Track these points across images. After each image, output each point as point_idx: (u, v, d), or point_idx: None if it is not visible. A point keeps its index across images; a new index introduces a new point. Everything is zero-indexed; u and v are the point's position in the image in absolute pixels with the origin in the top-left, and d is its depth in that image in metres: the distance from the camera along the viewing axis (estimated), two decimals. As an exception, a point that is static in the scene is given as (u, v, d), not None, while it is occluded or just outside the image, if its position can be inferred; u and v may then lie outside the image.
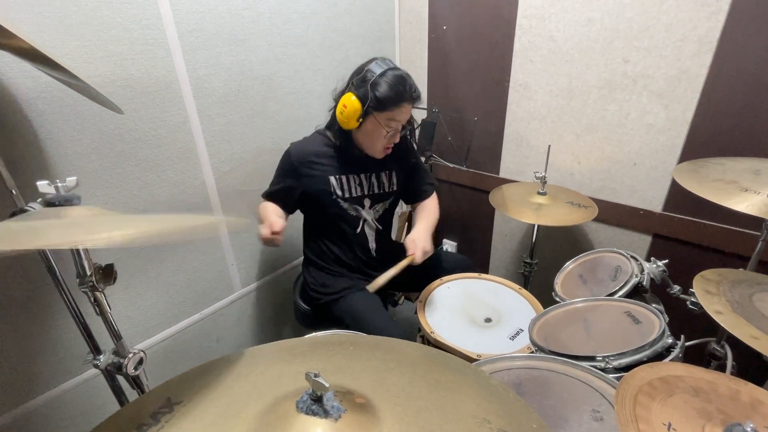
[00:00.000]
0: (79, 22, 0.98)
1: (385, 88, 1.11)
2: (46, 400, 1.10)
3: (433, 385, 0.52)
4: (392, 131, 1.19)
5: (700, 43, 1.20)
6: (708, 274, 0.81)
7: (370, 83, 1.11)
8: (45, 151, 0.98)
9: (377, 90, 1.11)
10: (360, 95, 1.12)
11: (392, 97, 1.12)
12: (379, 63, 1.14)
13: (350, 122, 1.16)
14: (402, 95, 1.13)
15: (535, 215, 1.37)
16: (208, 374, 0.55)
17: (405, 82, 1.14)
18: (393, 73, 1.13)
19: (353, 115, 1.14)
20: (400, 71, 1.15)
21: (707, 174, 0.94)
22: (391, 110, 1.14)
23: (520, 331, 1.13)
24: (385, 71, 1.12)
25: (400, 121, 1.19)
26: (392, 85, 1.12)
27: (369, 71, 1.13)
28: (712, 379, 0.60)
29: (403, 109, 1.16)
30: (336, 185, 1.26)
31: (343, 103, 1.14)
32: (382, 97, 1.11)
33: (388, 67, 1.13)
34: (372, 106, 1.12)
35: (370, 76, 1.12)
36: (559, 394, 0.72)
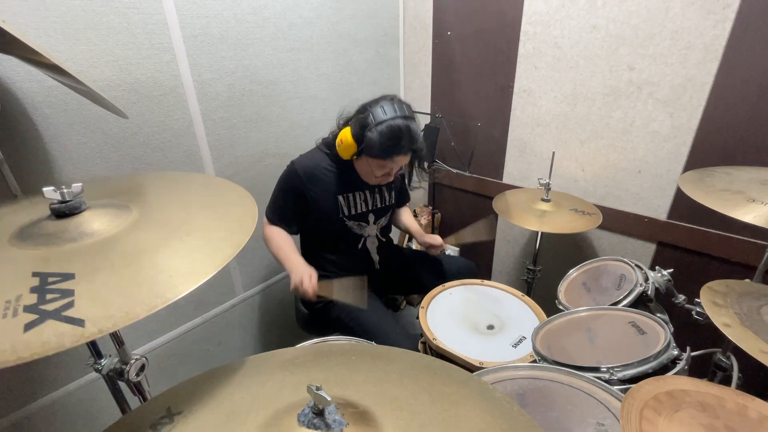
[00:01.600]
0: (86, 27, 0.98)
1: (378, 140, 1.07)
2: (47, 403, 1.09)
3: (436, 398, 0.52)
4: (383, 175, 1.20)
5: (705, 51, 1.19)
6: (715, 285, 0.80)
7: (366, 129, 1.09)
8: (49, 154, 0.99)
9: (371, 138, 1.08)
10: (355, 135, 1.12)
11: (386, 148, 1.10)
12: (384, 107, 1.09)
13: (345, 155, 1.17)
14: (393, 150, 1.11)
15: (539, 222, 1.36)
16: (208, 383, 0.54)
17: (401, 137, 1.09)
18: (391, 126, 1.07)
19: (348, 150, 1.15)
20: (400, 122, 1.08)
21: (713, 183, 0.93)
22: (383, 159, 1.14)
23: (522, 338, 1.12)
24: (384, 121, 1.07)
25: (392, 169, 1.19)
26: (386, 139, 1.08)
27: (371, 115, 1.09)
28: (719, 393, 0.59)
29: (394, 161, 1.15)
30: (344, 204, 1.26)
31: (341, 137, 1.15)
32: (374, 147, 1.09)
33: (389, 117, 1.08)
34: (364, 150, 1.12)
35: (370, 121, 1.08)
36: (563, 405, 0.71)
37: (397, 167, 1.20)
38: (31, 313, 0.41)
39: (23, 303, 0.42)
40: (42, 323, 0.40)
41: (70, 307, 0.42)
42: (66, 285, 0.45)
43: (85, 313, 0.42)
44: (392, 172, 1.21)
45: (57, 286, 0.45)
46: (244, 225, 0.60)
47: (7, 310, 0.41)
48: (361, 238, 1.32)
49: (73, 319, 0.41)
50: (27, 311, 0.41)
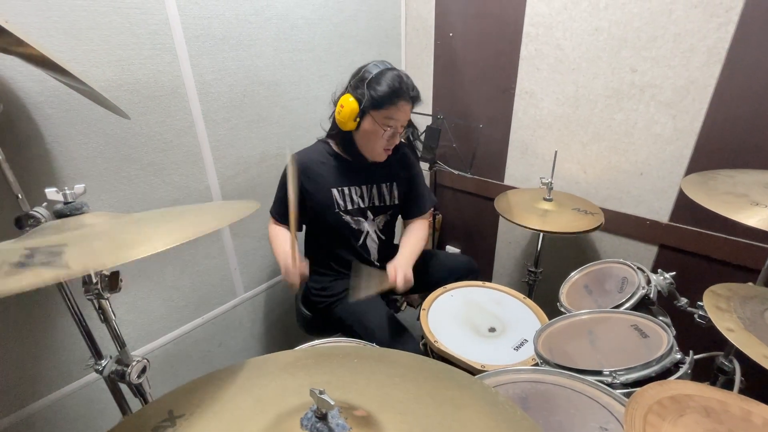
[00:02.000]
0: (88, 27, 0.98)
1: (381, 87, 1.11)
2: (47, 404, 1.09)
3: (439, 401, 0.51)
4: (391, 131, 1.17)
5: (708, 53, 1.19)
6: (718, 289, 0.79)
7: (366, 82, 1.11)
8: (51, 155, 0.99)
9: (373, 88, 1.11)
10: (357, 95, 1.13)
11: (389, 94, 1.11)
12: (376, 64, 1.15)
13: (348, 123, 1.15)
14: (398, 93, 1.12)
15: (541, 221, 1.35)
16: (210, 386, 0.54)
17: (402, 81, 1.13)
18: (390, 73, 1.13)
19: (350, 115, 1.13)
20: (397, 71, 1.15)
21: (716, 186, 0.93)
22: (387, 108, 1.13)
23: (524, 341, 1.12)
24: (382, 70, 1.13)
25: (398, 121, 1.17)
26: (389, 84, 1.11)
27: (366, 71, 1.14)
28: (723, 398, 0.58)
29: (400, 108, 1.15)
30: (338, 197, 1.25)
31: (341, 103, 1.14)
32: (379, 95, 1.11)
33: (385, 67, 1.14)
34: (368, 105, 1.12)
35: (367, 76, 1.12)
36: (566, 409, 0.71)
37: (403, 118, 1.18)
38: (15, 267, 0.42)
39: (10, 262, 0.42)
40: (24, 271, 0.41)
41: (57, 260, 0.43)
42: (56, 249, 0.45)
43: (70, 261, 0.43)
44: (398, 128, 1.19)
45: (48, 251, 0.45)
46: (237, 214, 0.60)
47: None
48: (360, 234, 1.32)
49: (57, 265, 0.42)
50: (12, 266, 0.42)
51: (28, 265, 0.41)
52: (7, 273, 0.40)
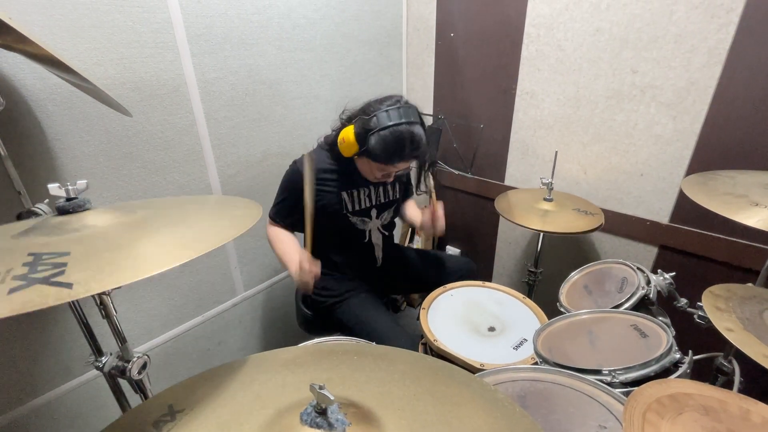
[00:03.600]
0: (90, 25, 0.98)
1: (380, 146, 1.07)
2: (47, 401, 1.09)
3: (438, 399, 0.51)
4: (383, 176, 1.21)
5: (709, 54, 1.19)
6: (717, 289, 0.79)
7: (370, 132, 1.07)
8: (53, 152, 0.99)
9: (373, 144, 1.07)
10: (358, 137, 1.10)
11: (385, 157, 1.09)
12: (389, 112, 1.07)
13: (347, 153, 1.16)
14: (394, 157, 1.10)
15: (541, 221, 1.36)
16: (211, 382, 0.54)
17: (404, 144, 1.08)
18: (394, 131, 1.06)
19: (349, 149, 1.14)
20: (404, 129, 1.07)
21: (716, 187, 0.93)
22: (384, 164, 1.14)
23: (524, 341, 1.12)
24: (387, 126, 1.06)
25: (393, 172, 1.20)
26: (388, 146, 1.07)
27: (375, 118, 1.07)
28: (723, 397, 0.58)
29: (396, 166, 1.15)
30: (347, 200, 1.26)
31: (343, 136, 1.14)
32: (376, 153, 1.08)
33: (393, 122, 1.06)
34: (366, 153, 1.11)
35: (373, 125, 1.07)
36: (565, 408, 0.71)
37: (398, 170, 1.20)
38: (18, 280, 0.41)
39: (13, 274, 0.42)
40: (28, 287, 0.41)
41: (60, 275, 0.43)
42: (59, 260, 0.45)
43: (74, 279, 0.43)
44: (392, 175, 1.22)
45: (50, 261, 0.45)
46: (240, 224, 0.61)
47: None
48: (365, 232, 1.32)
49: (60, 283, 0.41)
50: (15, 279, 0.41)
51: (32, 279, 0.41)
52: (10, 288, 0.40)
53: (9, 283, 0.41)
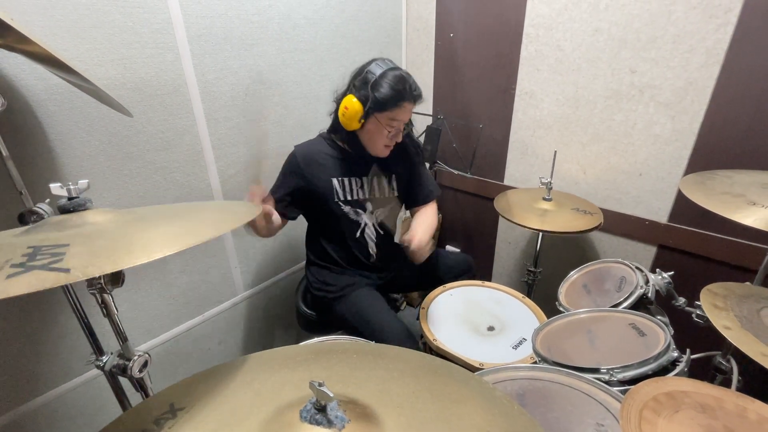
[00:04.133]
0: (91, 26, 0.99)
1: (385, 89, 1.12)
2: (48, 401, 1.10)
3: (437, 396, 0.52)
4: (394, 131, 1.20)
5: (707, 54, 1.20)
6: (714, 287, 0.80)
7: (370, 84, 1.12)
8: (54, 152, 0.99)
9: (378, 91, 1.12)
10: (360, 97, 1.13)
11: (393, 97, 1.13)
12: (378, 63, 1.15)
13: (352, 123, 1.16)
14: (402, 95, 1.14)
15: (540, 221, 1.36)
16: (211, 380, 0.55)
17: (405, 82, 1.14)
18: (393, 74, 1.13)
19: (354, 116, 1.14)
20: (400, 71, 1.15)
21: (714, 186, 0.93)
22: (391, 110, 1.15)
23: (523, 340, 1.13)
24: (385, 71, 1.13)
25: (402, 120, 1.20)
26: (393, 86, 1.12)
27: (369, 72, 1.13)
28: (719, 395, 0.59)
29: (404, 109, 1.17)
30: (338, 187, 1.26)
31: (345, 105, 1.15)
32: (383, 97, 1.12)
33: (387, 68, 1.14)
34: (373, 107, 1.13)
35: (371, 77, 1.12)
36: (563, 406, 0.72)
37: (406, 117, 1.20)
38: (17, 268, 0.42)
39: (12, 263, 0.43)
40: (26, 273, 0.41)
41: (58, 262, 0.43)
42: (58, 250, 0.46)
43: (71, 264, 0.43)
44: (400, 127, 1.22)
45: (50, 251, 0.46)
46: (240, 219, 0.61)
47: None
48: (358, 226, 1.32)
49: (58, 269, 0.42)
50: (13, 267, 0.42)
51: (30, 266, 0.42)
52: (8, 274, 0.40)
53: (7, 270, 0.41)
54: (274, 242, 1.60)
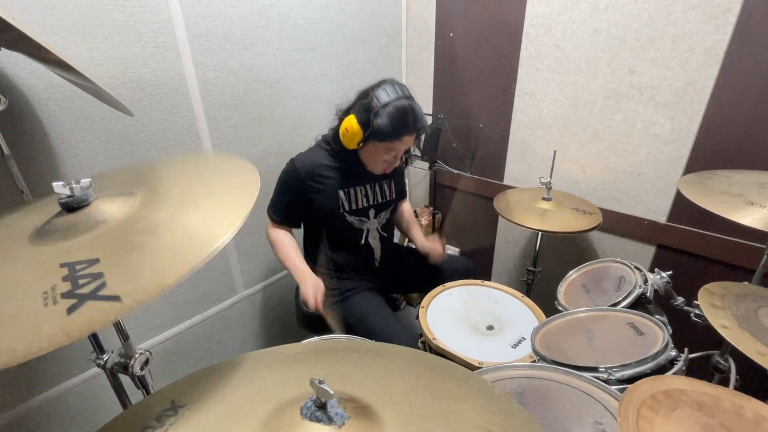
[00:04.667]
0: (91, 25, 0.99)
1: (386, 121, 1.09)
2: (48, 399, 1.10)
3: (436, 394, 0.52)
4: (391, 158, 1.21)
5: (706, 55, 1.20)
6: (712, 287, 0.80)
7: (373, 112, 1.10)
8: (55, 150, 1.00)
9: (378, 121, 1.10)
10: (361, 121, 1.12)
11: (393, 130, 1.11)
12: (386, 90, 1.11)
13: (351, 144, 1.17)
14: (402, 130, 1.12)
15: (540, 221, 1.36)
16: (212, 377, 0.55)
17: (407, 116, 1.11)
18: (396, 105, 1.10)
19: (353, 138, 1.15)
20: (404, 102, 1.11)
21: (713, 186, 0.94)
22: (391, 142, 1.15)
23: (522, 339, 1.13)
24: (389, 102, 1.09)
25: (400, 150, 1.21)
26: (394, 119, 1.10)
27: (375, 98, 1.11)
28: (716, 393, 0.59)
29: (403, 141, 1.16)
30: (344, 198, 1.26)
31: (345, 126, 1.15)
32: (382, 129, 1.10)
33: (393, 98, 1.10)
34: (372, 135, 1.12)
35: (374, 106, 1.10)
36: (562, 405, 0.72)
37: (405, 148, 1.21)
38: (69, 298, 0.43)
39: (59, 291, 0.44)
40: (82, 305, 0.42)
41: (104, 287, 0.44)
42: (93, 269, 0.47)
43: (118, 290, 0.44)
44: (399, 155, 1.22)
45: (85, 271, 0.46)
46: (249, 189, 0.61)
47: (47, 299, 0.43)
48: (362, 233, 1.33)
49: (109, 297, 0.43)
50: (65, 297, 0.43)
51: (80, 295, 0.43)
52: (67, 307, 0.41)
53: (62, 303, 0.42)
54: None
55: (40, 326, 0.39)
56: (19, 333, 0.39)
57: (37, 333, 0.39)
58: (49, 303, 0.42)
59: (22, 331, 0.40)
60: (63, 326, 0.39)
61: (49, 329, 0.39)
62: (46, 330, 0.39)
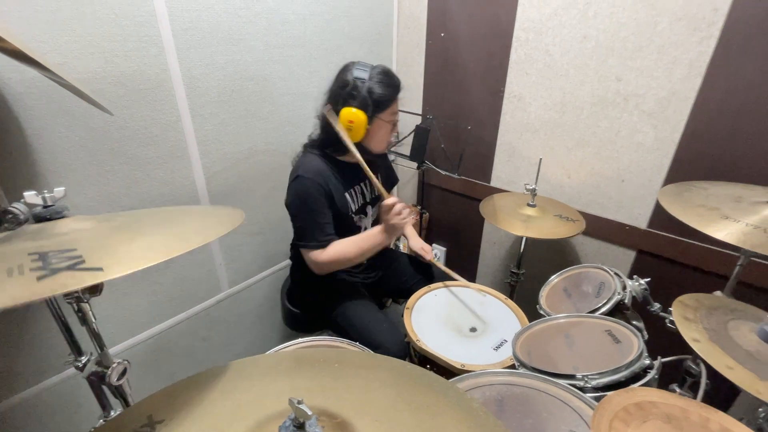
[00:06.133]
0: (71, 17, 0.96)
1: (381, 89, 1.14)
2: (26, 398, 1.08)
3: (415, 409, 0.53)
4: (393, 123, 1.24)
5: (690, 66, 1.22)
6: (686, 299, 0.83)
7: (365, 89, 1.13)
8: (31, 147, 0.96)
9: (375, 93, 1.13)
10: (360, 105, 1.13)
11: (389, 93, 1.17)
12: (360, 68, 1.15)
13: (359, 134, 1.16)
14: (395, 87, 1.19)
15: (524, 227, 1.38)
16: (192, 390, 0.55)
17: (392, 75, 1.19)
18: (378, 72, 1.16)
19: (362, 126, 1.14)
20: (380, 66, 1.18)
21: (691, 199, 0.96)
22: (391, 105, 1.18)
23: (504, 341, 1.15)
24: (371, 73, 1.15)
25: (397, 113, 1.24)
26: (386, 83, 1.16)
27: (357, 79, 1.14)
28: (685, 406, 0.62)
29: (397, 101, 1.21)
30: (350, 199, 1.27)
31: (349, 119, 1.13)
32: (381, 97, 1.15)
33: (370, 68, 1.16)
34: (375, 109, 1.15)
35: (362, 83, 1.13)
36: (539, 413, 0.74)
37: (397, 108, 1.24)
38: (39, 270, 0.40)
39: (28, 267, 0.41)
40: (54, 275, 0.40)
41: (81, 263, 0.42)
42: (70, 254, 0.44)
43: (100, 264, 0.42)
44: (397, 119, 1.26)
45: (62, 255, 0.44)
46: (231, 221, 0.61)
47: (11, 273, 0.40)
48: (360, 230, 1.34)
49: (89, 268, 0.41)
50: (34, 270, 0.40)
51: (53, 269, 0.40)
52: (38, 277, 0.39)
53: (30, 274, 0.40)
54: (259, 239, 1.59)
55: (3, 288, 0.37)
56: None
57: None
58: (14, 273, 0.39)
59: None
60: (32, 290, 0.37)
61: (15, 290, 0.37)
62: (10, 290, 0.37)
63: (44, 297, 0.37)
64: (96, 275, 0.40)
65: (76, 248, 0.46)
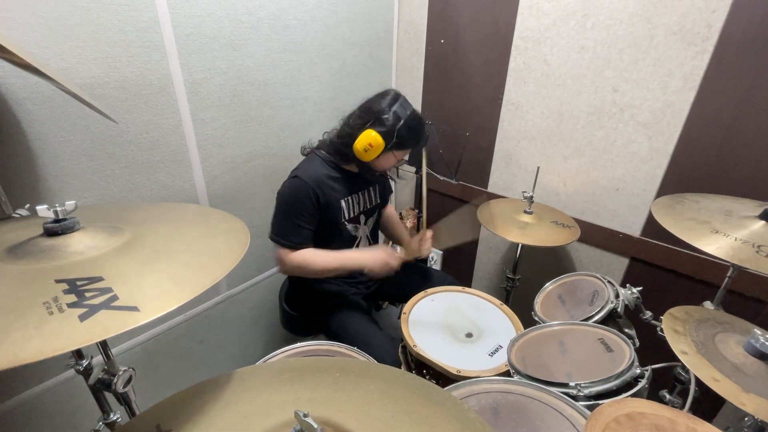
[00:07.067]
0: (75, 23, 0.96)
1: (410, 134, 1.19)
2: (25, 400, 1.09)
3: (414, 419, 0.55)
4: (402, 160, 1.29)
5: (684, 79, 1.25)
6: (676, 311, 0.85)
7: (398, 126, 1.16)
8: (33, 152, 0.97)
9: (404, 134, 1.17)
10: (384, 135, 1.16)
11: (415, 140, 1.24)
12: (401, 105, 1.19)
13: (370, 156, 1.19)
14: (420, 138, 1.26)
15: (521, 234, 1.41)
16: (197, 400, 0.56)
17: (423, 128, 1.26)
18: (416, 119, 1.21)
19: (376, 151, 1.17)
20: (418, 114, 1.23)
21: (683, 211, 0.99)
22: (408, 150, 1.25)
23: (499, 347, 1.17)
24: (409, 116, 1.19)
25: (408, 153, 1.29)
26: (418, 131, 1.23)
27: (395, 115, 1.17)
28: (673, 417, 0.64)
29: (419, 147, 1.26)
30: (345, 207, 1.28)
31: (369, 141, 1.16)
32: (407, 140, 1.19)
33: (410, 111, 1.20)
34: (394, 145, 1.18)
35: (396, 121, 1.16)
36: (533, 421, 0.76)
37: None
38: (78, 307, 0.39)
39: (64, 302, 0.40)
40: (95, 314, 0.39)
41: (116, 300, 0.41)
42: (99, 285, 0.43)
43: (135, 302, 0.42)
44: (406, 157, 1.31)
45: (91, 286, 0.43)
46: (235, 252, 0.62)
47: (50, 308, 0.38)
48: (355, 240, 1.35)
49: (126, 307, 0.41)
50: (72, 307, 0.39)
51: (91, 306, 0.39)
52: (79, 315, 0.38)
53: (69, 311, 0.38)
54: (258, 242, 1.59)
55: (49, 330, 0.36)
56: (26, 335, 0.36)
57: (47, 336, 0.35)
58: (54, 311, 0.38)
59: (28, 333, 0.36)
60: (76, 331, 0.37)
61: (64, 333, 0.36)
62: (58, 332, 0.36)
63: (93, 342, 0.37)
64: (135, 317, 0.40)
65: (102, 276, 0.46)
